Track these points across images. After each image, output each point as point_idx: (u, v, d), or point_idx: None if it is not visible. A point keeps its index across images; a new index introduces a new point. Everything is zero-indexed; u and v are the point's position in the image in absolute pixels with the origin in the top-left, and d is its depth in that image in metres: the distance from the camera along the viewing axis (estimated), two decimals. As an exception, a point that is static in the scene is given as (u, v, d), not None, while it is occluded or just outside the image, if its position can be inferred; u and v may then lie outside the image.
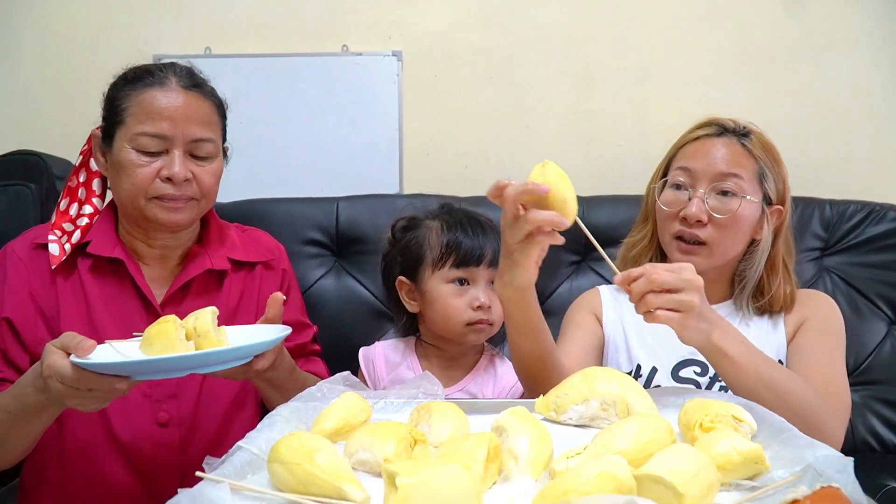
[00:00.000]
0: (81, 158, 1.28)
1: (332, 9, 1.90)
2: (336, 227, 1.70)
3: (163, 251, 1.26)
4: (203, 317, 0.95)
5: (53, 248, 1.19)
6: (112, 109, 1.20)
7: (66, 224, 1.22)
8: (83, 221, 1.23)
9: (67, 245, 1.19)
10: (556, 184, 0.93)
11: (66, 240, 1.19)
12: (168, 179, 1.17)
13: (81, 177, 1.27)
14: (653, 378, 1.29)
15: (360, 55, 1.90)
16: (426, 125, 1.92)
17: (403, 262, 1.38)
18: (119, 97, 1.20)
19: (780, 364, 1.11)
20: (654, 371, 1.29)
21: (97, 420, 1.16)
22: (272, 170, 1.88)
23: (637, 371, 1.31)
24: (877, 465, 1.52)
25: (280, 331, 1.00)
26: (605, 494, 0.61)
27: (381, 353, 1.44)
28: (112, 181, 1.22)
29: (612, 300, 1.40)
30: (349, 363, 1.43)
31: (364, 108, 1.90)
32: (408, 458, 0.77)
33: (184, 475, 1.17)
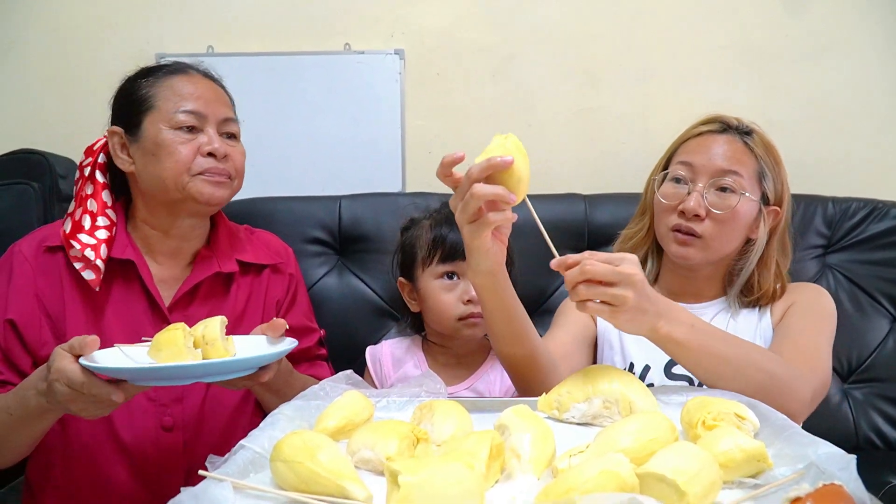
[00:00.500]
0: (90, 170, 1.25)
1: (335, 7, 1.90)
2: (339, 226, 1.70)
3: (179, 243, 1.26)
4: (212, 325, 0.97)
5: (88, 275, 1.17)
6: (134, 101, 1.22)
7: (83, 236, 1.19)
8: (102, 234, 1.20)
9: (98, 261, 1.17)
10: (516, 158, 0.90)
11: (95, 255, 1.18)
12: (210, 155, 1.20)
13: (88, 189, 1.25)
14: (646, 375, 1.29)
15: (363, 53, 1.90)
16: (429, 123, 1.92)
17: (402, 263, 1.39)
18: (140, 87, 1.22)
19: (743, 340, 1.09)
20: (647, 368, 1.30)
21: (102, 423, 1.16)
22: (275, 168, 1.88)
23: (630, 369, 1.31)
24: (879, 463, 1.52)
25: (287, 343, 1.01)
26: (608, 493, 0.61)
27: (389, 352, 1.44)
28: (146, 168, 1.21)
29: None
30: (352, 361, 1.43)
31: (366, 107, 1.90)
32: (410, 457, 0.77)
33: (187, 478, 1.17)
